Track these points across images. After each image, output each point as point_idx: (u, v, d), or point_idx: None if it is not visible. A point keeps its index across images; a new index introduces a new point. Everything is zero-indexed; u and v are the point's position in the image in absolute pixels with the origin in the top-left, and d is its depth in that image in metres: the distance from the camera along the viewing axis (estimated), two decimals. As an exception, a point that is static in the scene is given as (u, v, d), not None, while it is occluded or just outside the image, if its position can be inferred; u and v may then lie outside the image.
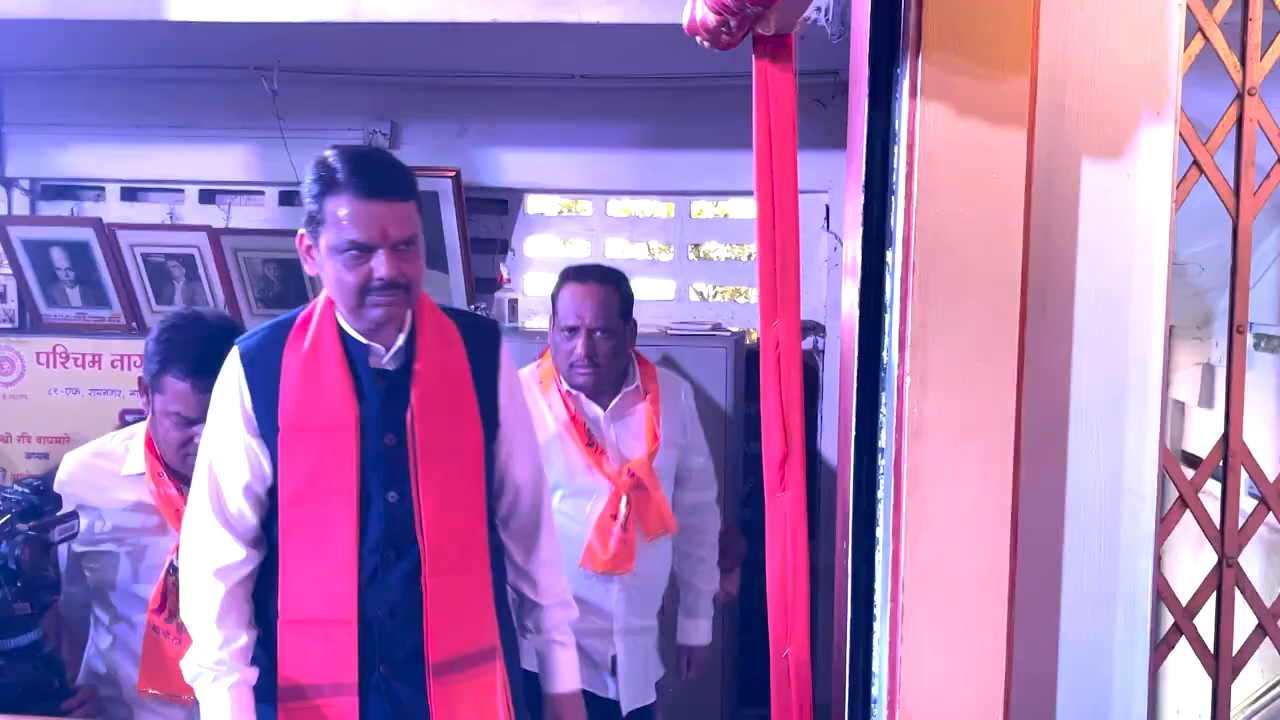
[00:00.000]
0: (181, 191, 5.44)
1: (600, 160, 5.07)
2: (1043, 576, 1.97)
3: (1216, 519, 2.25)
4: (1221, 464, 2.37)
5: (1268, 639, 2.27)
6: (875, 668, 1.99)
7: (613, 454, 3.55)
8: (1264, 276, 3.52)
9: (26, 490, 2.70)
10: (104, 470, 2.95)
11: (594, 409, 3.58)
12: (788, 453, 2.01)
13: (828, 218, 4.86)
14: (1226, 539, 2.30)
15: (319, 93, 4.89)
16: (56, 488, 2.92)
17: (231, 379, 2.61)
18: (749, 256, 5.75)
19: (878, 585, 1.99)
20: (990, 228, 1.83)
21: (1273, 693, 3.37)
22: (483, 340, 2.72)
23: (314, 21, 3.90)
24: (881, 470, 1.97)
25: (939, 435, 1.85)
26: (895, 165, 1.91)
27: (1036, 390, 1.92)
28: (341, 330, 2.62)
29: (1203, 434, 3.77)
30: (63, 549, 2.88)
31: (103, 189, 5.50)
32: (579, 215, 5.52)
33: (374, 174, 2.52)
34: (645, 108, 4.96)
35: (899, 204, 1.88)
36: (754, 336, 5.19)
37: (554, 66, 4.68)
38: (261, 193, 5.33)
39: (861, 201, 1.96)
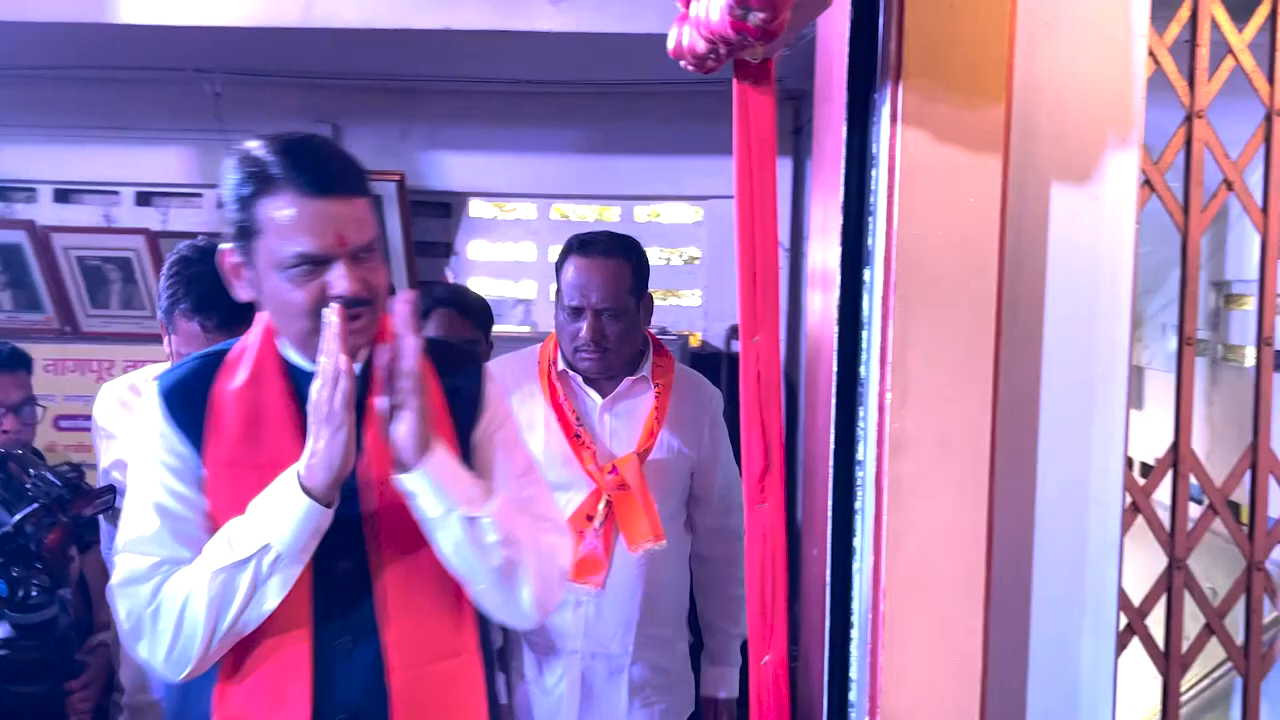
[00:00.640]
0: (117, 193, 5.38)
1: (544, 164, 5.11)
2: (1015, 584, 2.04)
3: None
4: (1172, 471, 2.46)
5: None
6: (853, 673, 2.06)
7: (603, 449, 3.13)
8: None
9: (58, 481, 2.69)
10: (134, 405, 2.81)
11: (590, 397, 3.17)
12: (768, 466, 2.06)
13: (770, 222, 4.93)
14: (1177, 542, 2.39)
15: (260, 95, 4.87)
16: (94, 417, 2.90)
17: (152, 427, 2.13)
18: (686, 260, 5.80)
19: (855, 593, 2.06)
20: (968, 248, 1.90)
21: (1203, 683, 3.49)
22: (460, 367, 2.24)
23: (262, 27, 3.89)
24: (859, 482, 2.03)
25: (918, 449, 1.92)
26: (873, 187, 1.98)
27: (1009, 404, 1.99)
28: (286, 361, 2.15)
29: (1133, 436, 3.88)
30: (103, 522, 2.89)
31: (35, 190, 5.43)
32: (522, 220, 5.55)
33: (320, 166, 2.01)
34: (590, 113, 5.01)
35: (878, 225, 1.95)
36: (697, 340, 5.24)
37: (499, 72, 4.70)
38: (200, 195, 5.30)
39: (840, 222, 2.03)
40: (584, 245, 3.10)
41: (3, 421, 3.24)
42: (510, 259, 5.48)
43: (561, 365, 3.16)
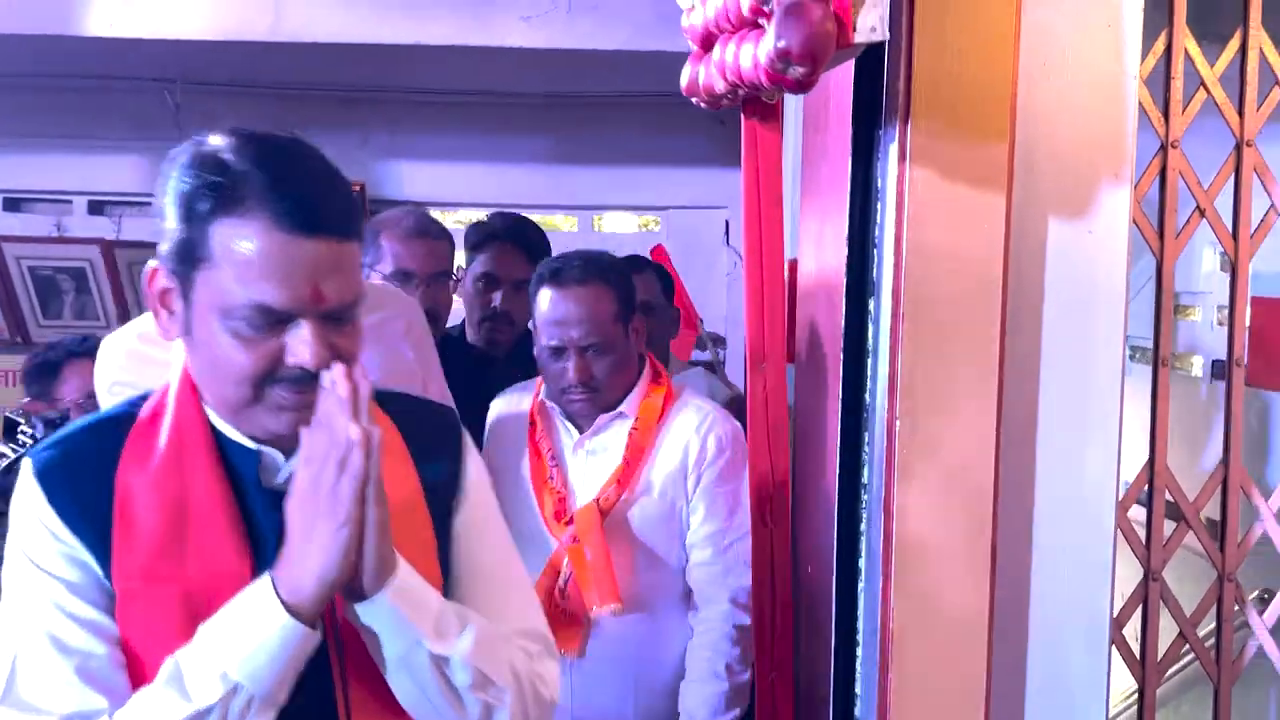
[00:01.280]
0: (69, 202, 5.34)
1: (504, 173, 5.14)
2: (1014, 602, 2.12)
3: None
4: (1148, 487, 2.56)
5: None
6: (858, 689, 2.13)
7: (572, 496, 2.77)
8: (1140, 292, 3.76)
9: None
10: (149, 356, 2.50)
11: (566, 432, 2.82)
12: (774, 490, 2.13)
13: (727, 233, 5.01)
14: (1153, 556, 2.49)
15: (220, 104, 4.86)
16: (98, 381, 2.44)
17: (29, 516, 1.57)
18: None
19: (860, 613, 2.12)
20: (974, 282, 1.97)
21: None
22: (436, 438, 1.76)
23: (230, 40, 3.90)
24: (865, 505, 2.10)
25: (926, 475, 1.99)
26: (880, 220, 2.04)
27: (1009, 429, 2.07)
28: (214, 430, 1.62)
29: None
30: None
31: (-16, 198, 5.38)
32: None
33: (307, 189, 1.51)
34: (550, 123, 5.05)
35: (886, 258, 2.01)
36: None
37: (460, 83, 4.73)
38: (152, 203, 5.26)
39: (845, 254, 2.09)
40: (556, 274, 2.72)
41: None
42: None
43: (543, 395, 2.83)
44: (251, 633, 1.48)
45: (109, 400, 2.33)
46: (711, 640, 2.67)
